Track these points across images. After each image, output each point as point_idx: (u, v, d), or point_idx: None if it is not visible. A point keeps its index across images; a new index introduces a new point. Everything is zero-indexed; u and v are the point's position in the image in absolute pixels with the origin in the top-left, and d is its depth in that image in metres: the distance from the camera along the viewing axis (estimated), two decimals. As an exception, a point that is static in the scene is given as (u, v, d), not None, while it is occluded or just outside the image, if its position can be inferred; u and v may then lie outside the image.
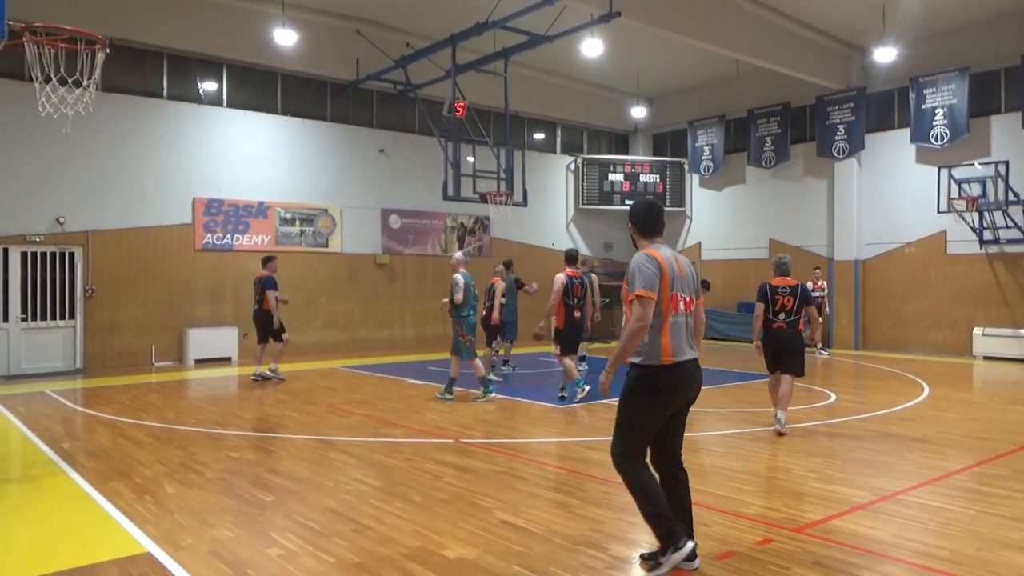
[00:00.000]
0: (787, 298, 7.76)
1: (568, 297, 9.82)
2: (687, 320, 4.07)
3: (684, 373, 3.99)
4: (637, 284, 3.92)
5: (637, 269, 3.96)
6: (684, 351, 4.00)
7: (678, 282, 4.03)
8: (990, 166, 14.79)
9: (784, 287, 7.82)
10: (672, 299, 3.97)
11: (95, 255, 13.42)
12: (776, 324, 7.76)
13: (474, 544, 4.43)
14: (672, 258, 4.08)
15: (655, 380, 3.93)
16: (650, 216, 4.21)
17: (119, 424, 8.26)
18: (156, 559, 4.21)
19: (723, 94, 19.78)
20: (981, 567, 4.05)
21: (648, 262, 3.96)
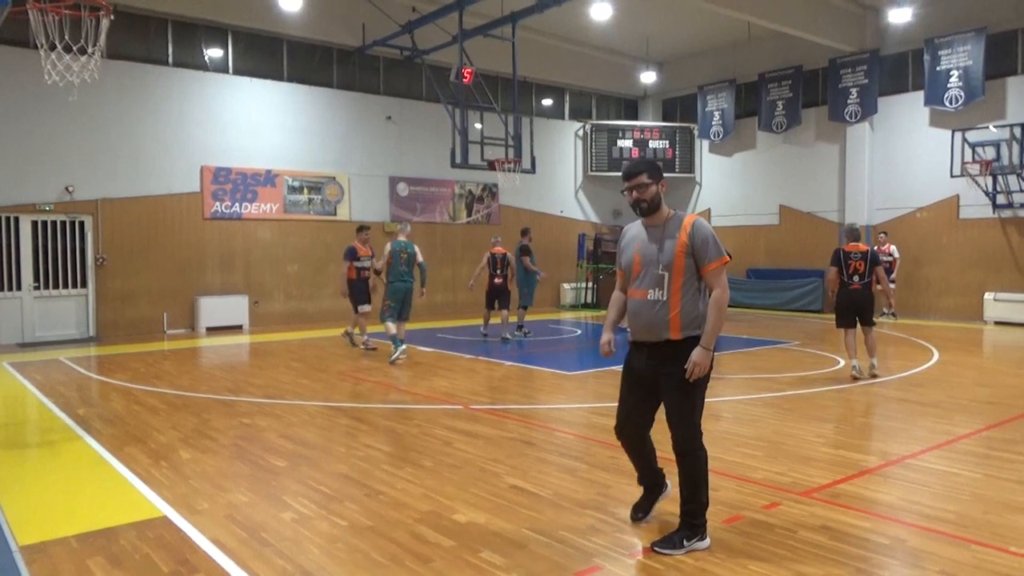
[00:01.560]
0: (859, 262, 8.68)
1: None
2: None
3: None
4: (723, 250, 3.75)
5: (714, 235, 3.75)
6: None
7: None
8: (1005, 129, 14.59)
9: (856, 252, 8.73)
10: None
11: (105, 224, 13.47)
12: (852, 286, 8.72)
13: (484, 508, 4.49)
14: None
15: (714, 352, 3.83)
16: None
17: (133, 391, 8.36)
18: (172, 523, 4.29)
19: (733, 58, 19.49)
20: (987, 530, 4.08)
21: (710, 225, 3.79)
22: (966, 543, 3.90)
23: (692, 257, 3.73)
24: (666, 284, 3.76)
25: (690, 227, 3.77)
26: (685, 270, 3.73)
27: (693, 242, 3.73)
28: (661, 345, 3.81)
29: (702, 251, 3.72)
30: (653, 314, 3.79)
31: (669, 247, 3.77)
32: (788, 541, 3.93)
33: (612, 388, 8.35)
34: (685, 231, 3.76)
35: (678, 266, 3.73)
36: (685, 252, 3.73)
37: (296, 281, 15.78)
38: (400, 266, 10.38)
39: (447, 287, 17.76)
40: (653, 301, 3.79)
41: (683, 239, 3.74)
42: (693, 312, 3.76)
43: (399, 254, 10.41)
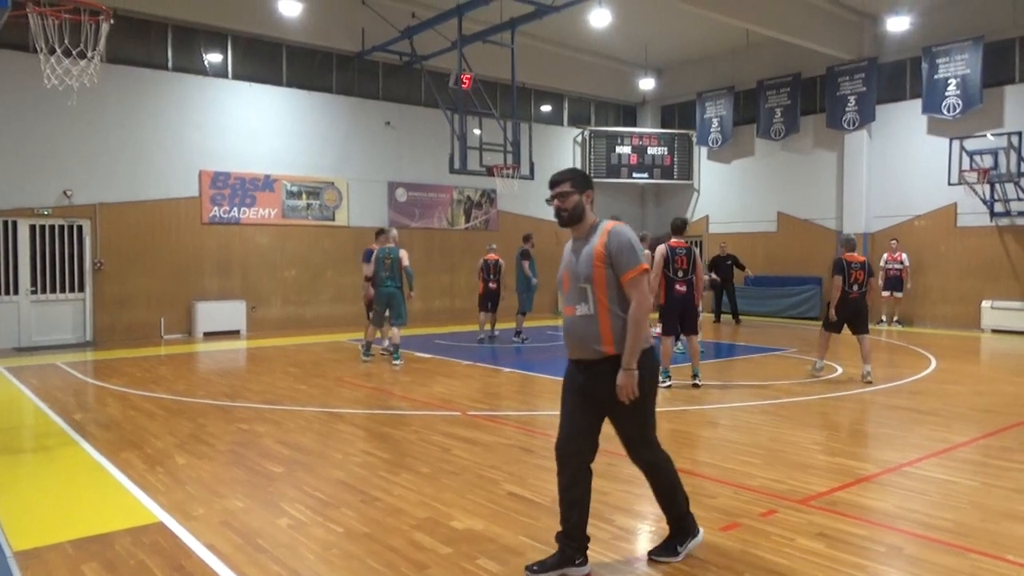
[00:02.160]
0: (859, 272, 9.04)
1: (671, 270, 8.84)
2: None
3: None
4: (641, 256, 3.53)
5: (631, 241, 3.55)
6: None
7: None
8: (1003, 137, 14.62)
9: (856, 262, 9.09)
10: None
11: (103, 228, 13.46)
12: (852, 295, 9.05)
13: (481, 515, 4.48)
14: None
15: (655, 360, 3.69)
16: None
17: (130, 396, 8.34)
18: (168, 528, 4.27)
19: (732, 65, 19.54)
20: (985, 538, 4.08)
21: (628, 234, 3.60)
22: (963, 551, 3.89)
23: (611, 267, 3.53)
24: (590, 297, 3.57)
25: (606, 235, 3.57)
26: (607, 280, 3.53)
27: (609, 251, 3.53)
28: (599, 362, 3.57)
29: (618, 259, 3.51)
30: (583, 330, 3.59)
31: (586, 258, 3.58)
32: (785, 549, 3.93)
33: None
34: (602, 240, 3.56)
35: (598, 278, 3.54)
36: (604, 263, 3.53)
37: (294, 286, 15.77)
38: (383, 272, 10.47)
39: (445, 293, 17.75)
40: (582, 316, 3.60)
41: (599, 248, 3.55)
42: (619, 323, 3.55)
43: (383, 260, 10.49)
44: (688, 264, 8.77)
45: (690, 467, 5.51)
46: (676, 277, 8.75)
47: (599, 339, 3.55)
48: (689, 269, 8.78)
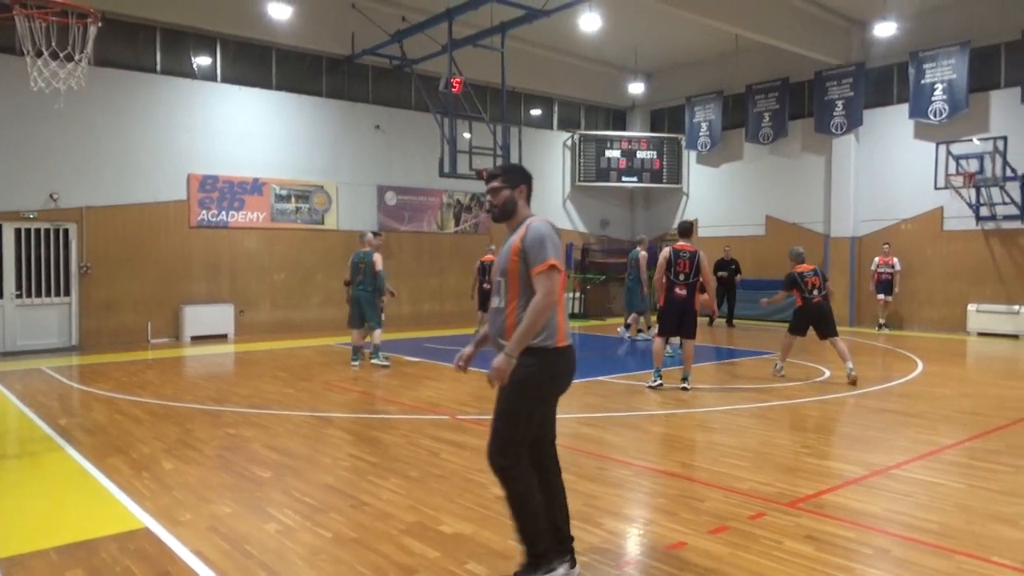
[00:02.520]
0: (814, 278, 9.58)
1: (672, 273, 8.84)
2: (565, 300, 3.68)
3: (571, 357, 3.61)
4: (550, 252, 3.42)
5: (547, 236, 3.45)
6: (569, 333, 3.61)
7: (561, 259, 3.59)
8: (988, 142, 14.74)
9: (808, 271, 9.64)
10: (563, 276, 3.54)
11: (89, 232, 13.36)
12: (814, 299, 9.52)
13: (470, 519, 4.47)
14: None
15: (553, 365, 3.49)
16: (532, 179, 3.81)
17: (116, 401, 8.28)
18: (154, 534, 4.24)
19: (721, 70, 19.63)
20: (971, 540, 4.10)
21: (554, 230, 3.51)
22: (950, 553, 3.92)
23: (524, 261, 3.47)
24: (503, 290, 3.54)
25: (526, 229, 3.51)
26: (519, 274, 3.48)
27: (524, 244, 3.47)
28: None
29: (530, 254, 3.44)
30: (497, 323, 3.56)
31: (505, 252, 3.56)
32: (774, 552, 3.94)
33: (599, 398, 8.37)
34: (521, 234, 3.51)
35: (512, 270, 3.50)
36: (519, 256, 3.48)
37: (283, 290, 15.71)
38: (356, 275, 10.63)
39: (434, 297, 17.73)
40: (495, 309, 3.59)
41: (517, 243, 3.50)
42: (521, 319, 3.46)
43: (356, 264, 10.67)
44: (690, 268, 8.75)
45: (680, 471, 5.52)
46: (677, 280, 8.77)
47: (503, 332, 3.52)
48: (691, 273, 8.75)
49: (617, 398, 8.42)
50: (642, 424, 7.13)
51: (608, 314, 20.34)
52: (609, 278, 20.67)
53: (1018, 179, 14.67)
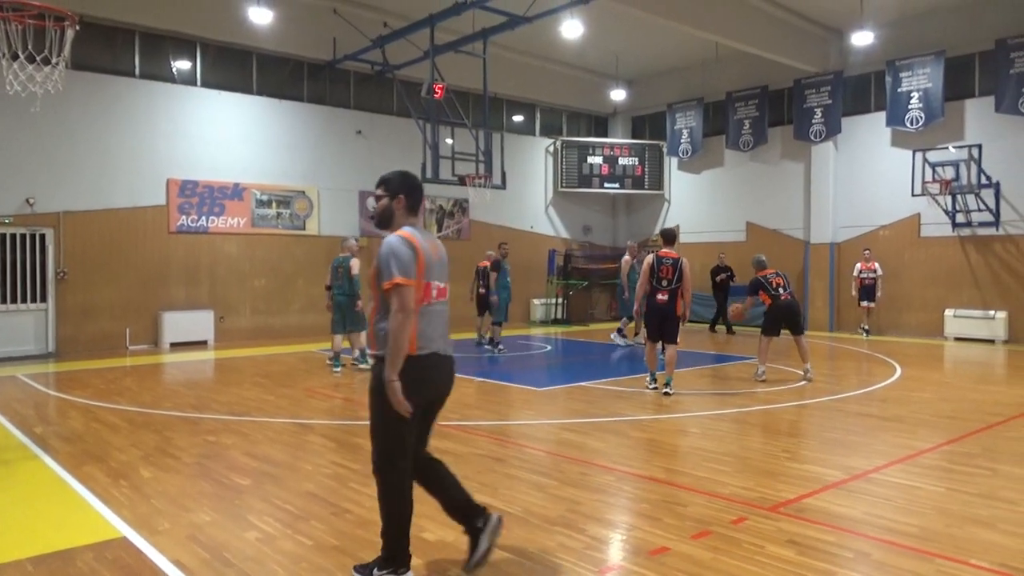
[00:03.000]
0: (777, 278, 10.01)
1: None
2: (442, 309, 3.75)
3: (433, 366, 3.65)
4: (395, 271, 3.47)
5: (392, 254, 3.50)
6: (435, 341, 3.65)
7: (434, 268, 3.67)
8: (964, 150, 14.97)
9: (771, 273, 10.07)
10: (425, 288, 3.61)
11: (67, 237, 13.19)
12: (782, 297, 9.92)
13: (453, 526, 4.43)
14: (427, 241, 3.69)
15: (408, 373, 3.50)
16: (420, 189, 3.82)
17: (93, 408, 8.17)
18: (132, 543, 4.18)
19: (702, 77, 19.80)
20: (949, 543, 4.14)
21: (404, 245, 3.54)
22: (929, 556, 3.95)
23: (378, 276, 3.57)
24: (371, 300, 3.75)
25: (381, 243, 3.58)
26: (377, 287, 3.58)
27: (378, 259, 3.56)
28: (375, 362, 3.64)
29: (380, 270, 3.53)
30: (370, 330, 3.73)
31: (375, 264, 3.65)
32: (756, 556, 3.95)
33: (582, 404, 8.38)
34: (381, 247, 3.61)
35: (371, 282, 3.63)
36: (375, 269, 3.58)
37: (263, 296, 15.59)
38: (337, 280, 10.81)
39: (417, 302, 17.67)
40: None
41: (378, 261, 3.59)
42: (380, 331, 3.57)
43: (336, 269, 10.87)
44: (673, 274, 8.82)
45: (663, 476, 5.54)
46: (659, 286, 8.87)
47: (369, 341, 3.72)
48: (674, 279, 8.82)
49: (599, 403, 8.43)
50: (624, 429, 7.14)
51: (591, 320, 20.38)
52: (592, 284, 20.73)
53: (993, 186, 14.91)
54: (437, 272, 3.70)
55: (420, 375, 3.56)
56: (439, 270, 3.73)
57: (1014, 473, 5.59)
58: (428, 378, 3.62)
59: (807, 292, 17.79)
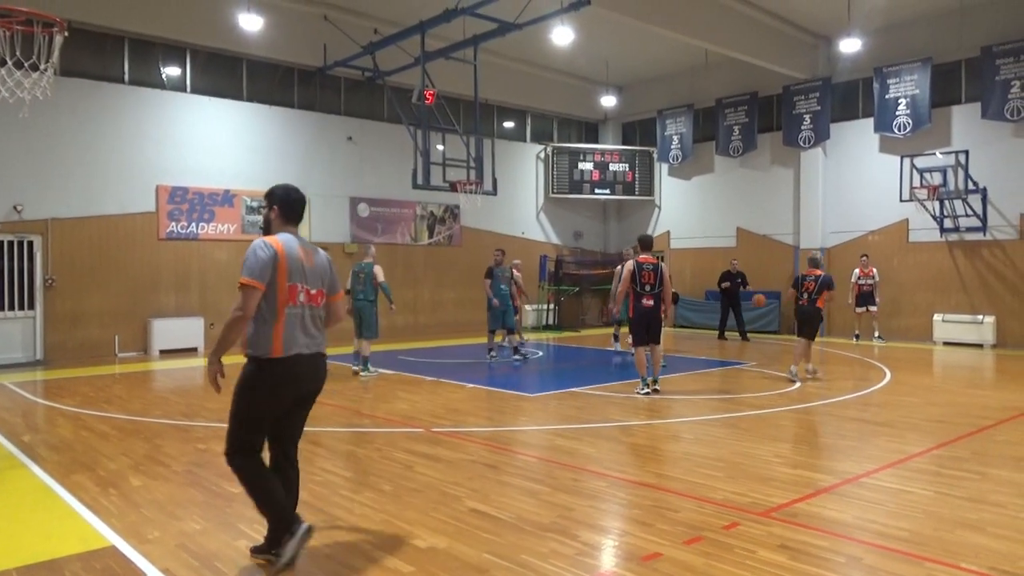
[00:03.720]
0: (811, 283, 10.45)
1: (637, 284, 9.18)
2: (310, 313, 3.96)
3: (298, 367, 3.87)
4: (244, 272, 3.79)
5: (250, 255, 3.81)
6: (300, 344, 3.87)
7: (300, 273, 3.90)
8: (951, 155, 15.08)
9: (811, 276, 10.50)
10: (290, 290, 3.84)
11: (55, 244, 13.11)
12: (802, 302, 10.50)
13: (445, 533, 4.43)
14: (299, 248, 3.95)
15: (265, 374, 3.81)
16: (298, 202, 4.12)
17: (82, 416, 8.11)
18: (121, 553, 4.15)
19: (692, 83, 19.89)
20: (939, 547, 4.16)
21: (263, 248, 3.82)
22: (919, 560, 3.97)
23: None
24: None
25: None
26: None
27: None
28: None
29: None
30: None
31: None
32: (748, 561, 3.96)
33: (574, 409, 8.38)
34: None
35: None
36: None
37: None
38: (356, 285, 10.98)
39: (409, 309, 17.63)
40: None
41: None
42: (250, 331, 3.86)
43: (357, 275, 11.06)
44: (655, 279, 9.15)
45: (655, 481, 5.54)
46: (643, 291, 9.15)
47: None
48: (656, 283, 9.15)
49: (591, 409, 8.44)
50: (616, 435, 7.14)
51: (582, 325, 20.40)
52: (583, 290, 20.75)
53: (980, 192, 15.03)
54: (309, 278, 3.95)
55: (283, 377, 3.85)
56: (312, 276, 3.98)
57: (1003, 477, 5.62)
58: (291, 378, 3.89)
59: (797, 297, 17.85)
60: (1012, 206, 14.98)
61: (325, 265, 4.10)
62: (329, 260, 4.17)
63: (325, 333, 4.12)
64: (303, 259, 3.93)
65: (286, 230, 4.03)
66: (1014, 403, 8.71)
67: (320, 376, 4.08)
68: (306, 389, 4.01)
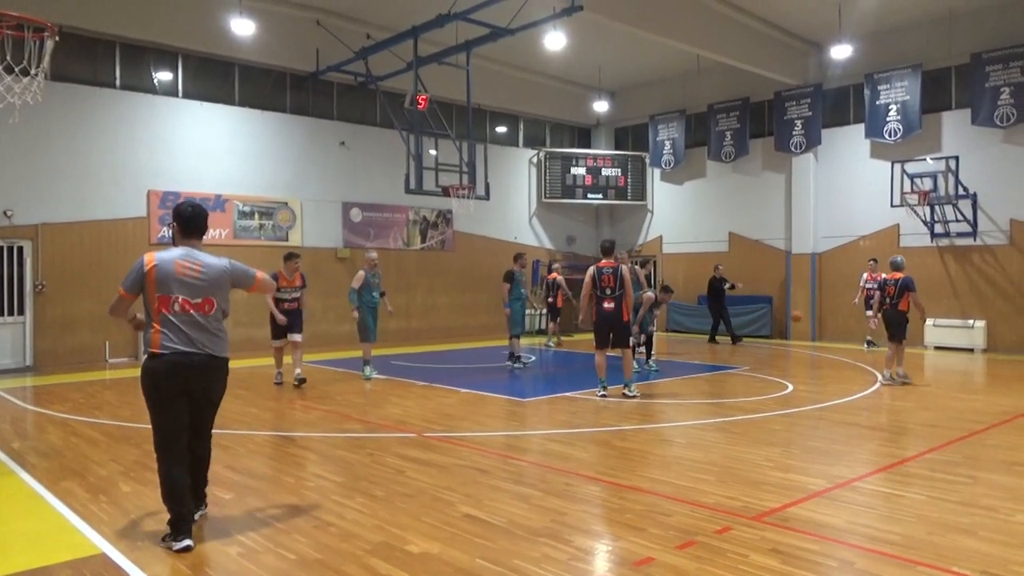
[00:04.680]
0: (891, 287, 10.70)
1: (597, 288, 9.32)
2: (192, 319, 4.38)
3: (175, 363, 4.31)
4: (121, 282, 4.48)
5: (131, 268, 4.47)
6: (175, 344, 4.32)
7: (173, 284, 4.34)
8: (941, 161, 15.18)
9: (891, 280, 10.74)
10: (160, 300, 4.33)
11: (45, 249, 13.04)
12: (885, 307, 10.74)
13: (437, 538, 4.42)
14: (177, 263, 4.37)
15: (148, 365, 4.36)
16: (193, 218, 4.53)
17: (71, 422, 8.05)
18: (111, 560, 4.11)
19: (684, 89, 19.97)
20: (931, 551, 4.17)
21: (137, 263, 4.43)
22: (912, 564, 3.97)
23: None
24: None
25: None
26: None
27: None
28: None
29: None
30: None
31: None
32: (740, 566, 3.96)
33: (566, 415, 8.37)
34: None
35: None
36: None
37: (245, 307, 15.44)
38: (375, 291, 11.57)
39: (400, 314, 17.57)
40: None
41: None
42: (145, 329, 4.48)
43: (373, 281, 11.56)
44: (615, 282, 9.25)
45: (647, 485, 5.54)
46: (604, 295, 9.30)
47: None
48: (616, 287, 9.24)
49: (584, 414, 8.43)
50: (609, 440, 7.14)
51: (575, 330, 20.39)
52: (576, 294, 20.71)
53: (970, 197, 15.13)
54: (186, 289, 4.37)
55: (161, 369, 4.31)
56: (192, 288, 4.38)
57: (994, 480, 5.64)
58: (169, 371, 4.32)
59: (789, 302, 17.93)
60: (1002, 212, 15.08)
61: (216, 275, 4.47)
62: (226, 267, 4.55)
63: (221, 337, 4.54)
64: (179, 273, 4.35)
65: (184, 243, 4.49)
66: (1005, 407, 8.75)
67: (208, 376, 4.45)
68: (190, 385, 4.39)
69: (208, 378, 4.48)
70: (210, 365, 4.45)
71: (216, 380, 4.55)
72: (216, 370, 4.51)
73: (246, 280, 4.72)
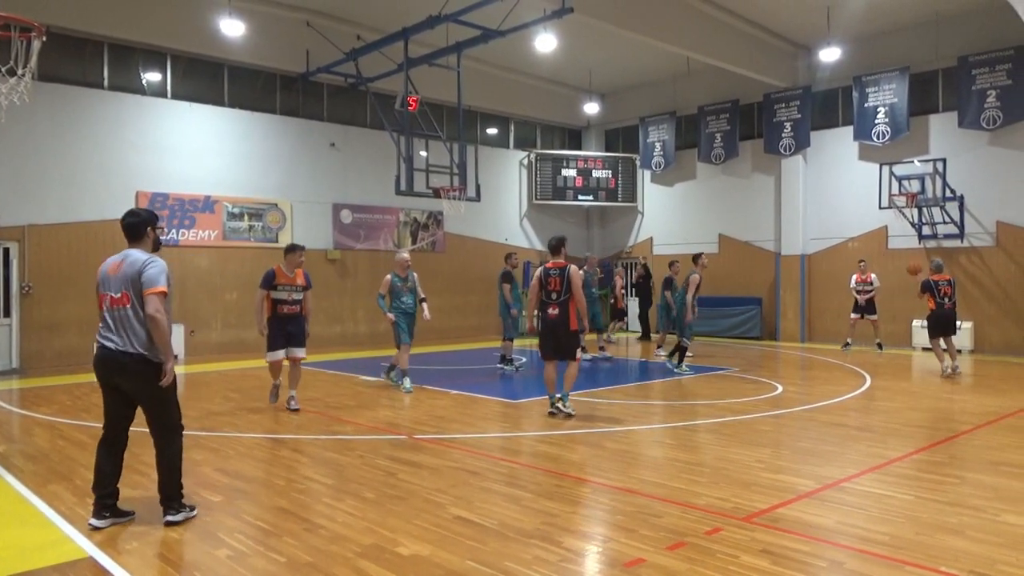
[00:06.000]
0: (947, 287, 11.19)
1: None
2: (119, 314, 4.62)
3: (101, 357, 4.65)
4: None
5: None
6: (104, 339, 4.64)
7: (105, 283, 4.72)
8: (929, 163, 15.29)
9: (943, 280, 11.27)
10: (100, 298, 4.73)
11: (32, 250, 12.94)
12: (946, 306, 11.23)
13: (428, 540, 4.41)
14: (111, 263, 4.76)
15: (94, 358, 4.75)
16: (127, 226, 4.89)
17: (58, 425, 7.99)
18: (99, 564, 4.08)
19: (674, 91, 20.04)
20: (920, 551, 4.19)
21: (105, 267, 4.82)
22: (901, 564, 3.99)
23: None
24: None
25: None
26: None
27: None
28: None
29: None
30: None
31: None
32: (730, 567, 3.96)
33: (558, 417, 8.36)
34: None
35: None
36: None
37: (235, 309, 15.40)
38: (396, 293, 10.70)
39: (391, 315, 17.58)
40: None
41: None
42: None
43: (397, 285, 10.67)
44: (561, 286, 8.18)
45: (637, 486, 5.54)
46: (549, 300, 8.26)
47: None
48: (562, 291, 8.17)
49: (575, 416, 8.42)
50: (599, 441, 7.14)
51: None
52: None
53: (957, 199, 15.24)
54: (111, 285, 4.67)
55: (96, 361, 4.72)
56: (113, 283, 4.66)
57: (981, 480, 5.68)
58: (99, 363, 4.69)
59: (778, 303, 18.01)
60: (989, 214, 15.20)
61: (129, 271, 4.64)
62: (138, 266, 4.63)
63: (139, 335, 4.58)
64: (110, 271, 4.71)
65: (130, 247, 4.84)
66: (992, 408, 8.81)
67: (126, 373, 4.60)
68: (112, 380, 4.67)
69: (128, 377, 4.65)
70: (130, 365, 4.59)
71: (133, 378, 4.63)
72: (134, 370, 4.60)
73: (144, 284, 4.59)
